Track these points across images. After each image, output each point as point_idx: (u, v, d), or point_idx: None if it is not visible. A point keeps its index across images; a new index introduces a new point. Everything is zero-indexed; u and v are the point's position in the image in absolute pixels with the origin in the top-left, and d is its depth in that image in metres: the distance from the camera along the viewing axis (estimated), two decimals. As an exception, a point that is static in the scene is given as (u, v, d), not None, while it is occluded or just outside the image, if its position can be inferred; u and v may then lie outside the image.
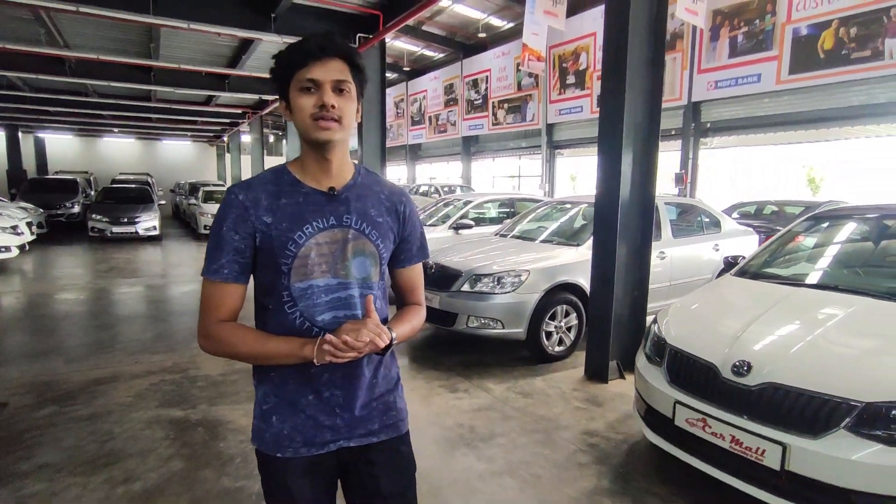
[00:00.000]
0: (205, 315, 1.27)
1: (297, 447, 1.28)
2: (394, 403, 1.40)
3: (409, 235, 1.42)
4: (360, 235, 1.29)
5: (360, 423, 1.33)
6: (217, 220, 1.26)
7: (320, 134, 1.20)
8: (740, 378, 2.48)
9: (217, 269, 1.24)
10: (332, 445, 1.31)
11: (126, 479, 2.83)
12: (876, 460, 2.09)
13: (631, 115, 4.21)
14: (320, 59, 1.19)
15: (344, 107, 1.22)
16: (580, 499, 2.75)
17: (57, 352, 4.95)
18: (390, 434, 1.38)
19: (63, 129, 26.74)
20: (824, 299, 2.95)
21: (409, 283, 1.47)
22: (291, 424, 1.28)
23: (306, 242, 1.24)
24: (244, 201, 1.23)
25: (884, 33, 10.02)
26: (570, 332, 4.99)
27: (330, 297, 1.27)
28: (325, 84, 1.19)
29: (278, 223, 1.23)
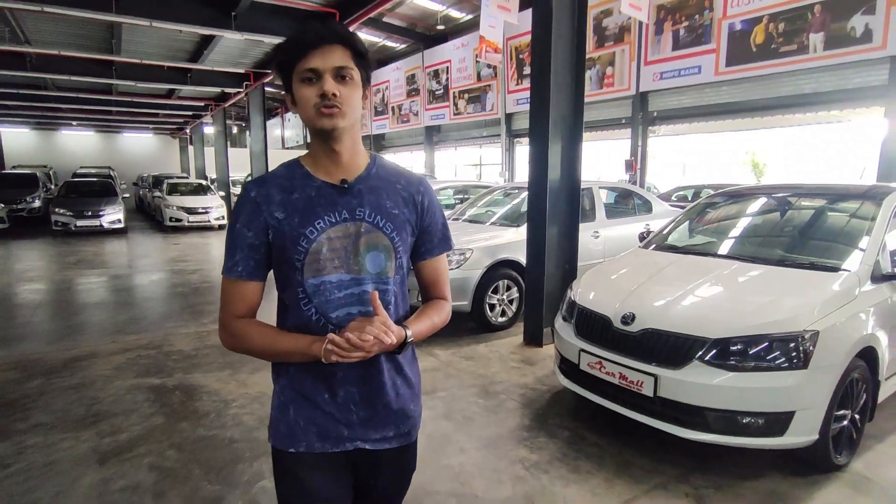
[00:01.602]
0: (223, 310, 1.28)
1: (311, 441, 1.27)
2: (412, 411, 1.38)
3: (429, 226, 1.37)
4: (373, 228, 1.26)
5: (376, 426, 1.31)
6: (232, 217, 1.27)
7: (324, 122, 1.17)
8: (626, 326, 3.07)
9: (231, 267, 1.24)
10: (349, 445, 1.29)
11: (113, 433, 3.28)
12: (720, 382, 2.70)
13: (557, 111, 4.76)
14: (319, 47, 1.16)
15: (347, 94, 1.19)
16: (504, 434, 3.31)
17: (36, 336, 5.29)
18: (402, 442, 1.37)
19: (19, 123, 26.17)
20: (703, 263, 3.57)
21: (431, 277, 1.41)
22: (307, 417, 1.27)
23: (318, 238, 1.21)
24: (256, 197, 1.23)
25: (808, 28, 10.84)
26: (511, 304, 5.57)
27: (343, 293, 1.24)
28: (325, 72, 1.16)
29: (290, 218, 1.21)
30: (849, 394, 2.86)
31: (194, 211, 14.92)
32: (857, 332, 2.81)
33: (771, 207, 4.16)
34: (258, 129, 15.43)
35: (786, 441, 2.68)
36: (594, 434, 3.28)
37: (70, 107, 19.17)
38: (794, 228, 3.85)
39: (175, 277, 8.29)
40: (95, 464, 2.92)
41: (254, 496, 2.63)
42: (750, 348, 2.71)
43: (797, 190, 4.19)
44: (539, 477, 2.82)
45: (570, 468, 2.90)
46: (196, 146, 25.98)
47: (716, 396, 2.72)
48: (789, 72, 11.32)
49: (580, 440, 3.21)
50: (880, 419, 3.41)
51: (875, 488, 2.72)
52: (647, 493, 2.68)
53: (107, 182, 16.35)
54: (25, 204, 15.88)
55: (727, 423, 2.72)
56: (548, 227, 4.88)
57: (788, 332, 2.68)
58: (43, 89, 15.63)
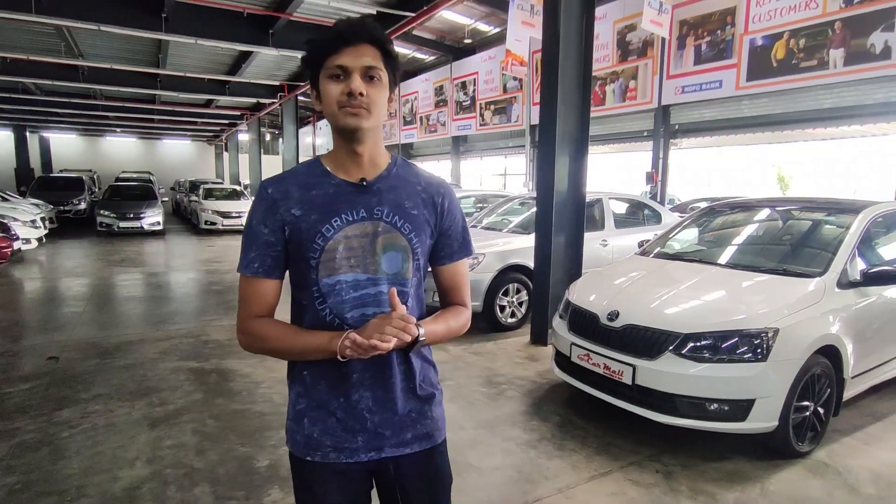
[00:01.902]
0: (240, 310, 1.26)
1: (326, 452, 1.26)
2: (429, 412, 1.34)
3: (449, 230, 1.34)
4: (391, 228, 1.23)
5: (392, 431, 1.28)
6: (249, 214, 1.26)
7: (348, 121, 1.16)
8: (611, 322, 3.44)
9: (248, 264, 1.23)
10: (364, 456, 1.27)
11: (161, 403, 3.78)
12: (689, 372, 3.05)
13: (563, 126, 5.15)
14: (350, 44, 1.14)
15: (373, 94, 1.17)
16: (501, 416, 3.70)
17: (90, 323, 5.88)
18: (424, 445, 1.33)
19: (67, 129, 27.60)
20: (687, 269, 3.91)
21: (450, 282, 1.38)
22: (321, 428, 1.26)
23: (334, 235, 1.20)
24: (273, 194, 1.22)
25: (828, 45, 10.97)
26: (521, 306, 5.95)
27: (359, 293, 1.22)
28: (354, 71, 1.14)
29: (307, 216, 1.20)
30: (810, 387, 3.17)
31: (228, 215, 15.65)
32: (816, 332, 3.13)
33: (756, 219, 4.48)
34: (291, 138, 16.14)
35: (747, 426, 3.01)
36: (582, 419, 3.65)
37: (116, 115, 20.25)
38: (773, 238, 4.18)
39: (210, 276, 8.89)
40: (147, 427, 3.41)
41: (279, 457, 3.08)
42: (716, 342, 3.06)
43: (783, 203, 4.50)
44: (527, 452, 3.21)
45: (556, 446, 3.28)
46: (231, 153, 27.01)
47: (685, 384, 3.07)
48: (809, 87, 11.44)
49: (569, 424, 3.58)
50: (853, 415, 3.71)
51: (830, 472, 3.03)
52: (621, 468, 3.04)
53: (147, 186, 17.26)
54: (72, 206, 16.85)
55: (695, 408, 3.07)
56: (554, 236, 5.25)
57: (750, 329, 3.03)
58: (92, 99, 16.61)
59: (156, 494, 2.69)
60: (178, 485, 2.78)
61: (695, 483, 2.89)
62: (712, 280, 3.67)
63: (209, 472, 2.92)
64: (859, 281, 3.46)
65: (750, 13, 12.32)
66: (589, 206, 6.90)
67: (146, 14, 8.03)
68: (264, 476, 2.88)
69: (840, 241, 3.62)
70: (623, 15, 15.43)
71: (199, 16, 8.44)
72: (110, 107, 18.04)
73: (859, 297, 3.45)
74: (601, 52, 16.22)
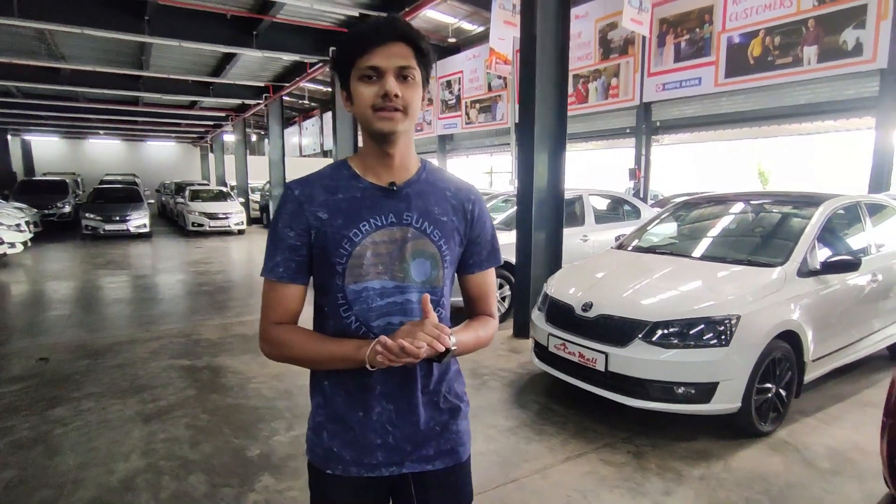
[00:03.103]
0: (263, 316, 1.22)
1: (346, 465, 1.22)
2: (454, 425, 1.30)
3: (479, 237, 1.30)
4: (420, 235, 1.19)
5: (413, 446, 1.24)
6: (274, 217, 1.22)
7: (383, 125, 1.12)
8: (585, 313, 3.61)
9: (272, 268, 1.19)
10: (385, 471, 1.23)
11: (154, 400, 3.90)
12: (657, 358, 3.22)
13: (541, 124, 5.31)
14: (382, 44, 1.10)
15: (408, 95, 1.13)
16: (483, 406, 3.86)
17: (79, 326, 5.95)
18: (447, 462, 1.28)
19: (49, 132, 27.35)
20: (658, 261, 4.10)
21: (478, 291, 1.35)
22: (341, 441, 1.23)
23: (362, 241, 1.16)
24: (299, 196, 1.18)
25: (802, 42, 11.26)
26: (504, 301, 6.11)
27: (385, 301, 1.18)
28: (387, 71, 1.10)
29: (333, 219, 1.16)
30: (771, 370, 3.37)
31: (215, 216, 15.68)
32: (776, 318, 3.32)
33: (725, 213, 4.68)
34: (276, 139, 16.18)
35: (712, 407, 3.20)
36: (560, 406, 3.82)
37: (98, 117, 20.14)
38: (741, 230, 4.38)
39: (199, 277, 8.96)
40: (141, 422, 3.53)
41: (270, 447, 3.21)
42: (682, 329, 3.24)
43: (752, 197, 4.70)
44: (508, 437, 3.37)
45: (535, 431, 3.45)
46: (216, 154, 26.94)
47: (654, 370, 3.25)
48: (785, 83, 11.72)
49: (548, 411, 3.75)
50: (815, 397, 3.91)
51: (790, 449, 3.22)
52: (595, 450, 3.21)
53: (133, 188, 17.22)
54: (56, 209, 16.70)
55: (664, 392, 3.25)
56: (534, 232, 5.42)
57: (713, 316, 3.21)
58: (74, 101, 16.52)
59: (151, 485, 2.82)
60: (173, 475, 2.91)
61: (663, 461, 3.06)
62: (682, 271, 3.86)
63: (203, 462, 3.04)
64: (819, 270, 3.66)
65: (727, 11, 12.59)
66: (570, 203, 7.11)
67: (128, 16, 8.06)
68: (257, 465, 3.02)
69: (801, 232, 3.82)
70: (604, 13, 15.66)
71: (182, 18, 8.49)
72: (93, 109, 17.95)
73: (819, 284, 3.65)
74: (584, 51, 16.45)
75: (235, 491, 2.76)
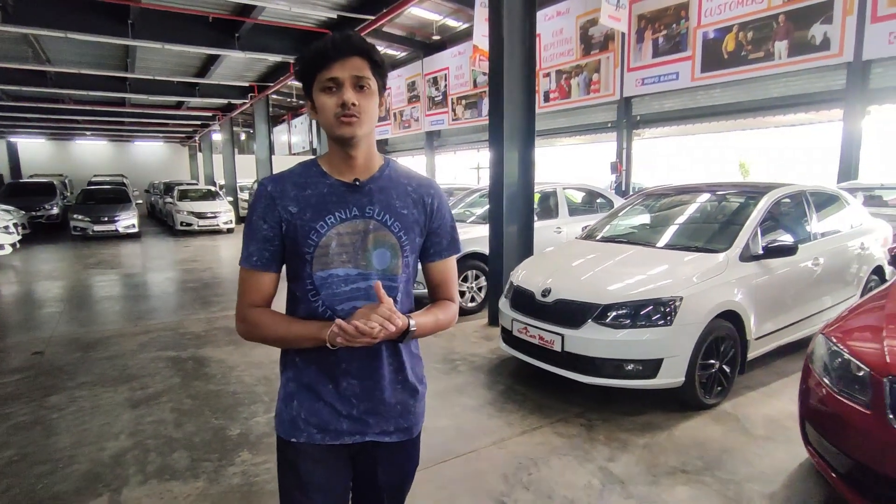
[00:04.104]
0: (239, 300, 1.34)
1: (311, 432, 1.33)
2: (413, 406, 1.43)
3: (438, 228, 1.42)
4: (381, 227, 1.31)
5: (377, 420, 1.37)
6: (249, 210, 1.34)
7: (343, 131, 1.25)
8: (545, 298, 3.88)
9: (247, 257, 1.31)
10: (348, 438, 1.35)
11: (142, 388, 4.13)
12: (606, 338, 3.50)
13: (510, 122, 5.56)
14: (339, 58, 1.22)
15: (365, 103, 1.25)
16: (451, 387, 4.12)
17: (69, 321, 6.16)
18: (402, 437, 1.42)
19: (36, 134, 27.31)
20: (614, 249, 4.37)
21: (439, 278, 1.47)
22: (309, 409, 1.33)
23: (328, 232, 1.27)
24: (272, 192, 1.29)
25: (774, 37, 11.57)
26: (480, 291, 6.38)
27: (349, 287, 1.30)
28: (345, 82, 1.23)
29: (302, 213, 1.28)
30: (715, 348, 3.65)
31: (204, 216, 15.83)
32: (717, 299, 3.59)
33: (682, 202, 4.96)
34: (263, 138, 16.35)
35: (658, 382, 3.48)
36: (523, 387, 4.09)
37: (85, 118, 20.19)
38: (693, 219, 4.66)
39: (187, 275, 9.17)
40: (130, 407, 3.77)
41: (249, 427, 3.46)
42: (630, 311, 3.52)
43: (707, 188, 4.97)
44: (470, 414, 3.64)
45: (496, 409, 3.72)
46: (205, 153, 27.01)
47: (605, 349, 3.52)
48: (758, 77, 12.03)
49: (510, 391, 4.02)
50: (761, 373, 4.21)
51: (730, 419, 3.51)
52: (550, 424, 3.48)
53: (121, 189, 17.32)
54: (44, 211, 16.71)
55: (614, 369, 3.52)
56: (506, 226, 5.68)
57: (657, 298, 3.49)
58: (61, 102, 16.61)
59: (139, 460, 3.06)
60: (159, 451, 3.16)
61: (611, 433, 3.34)
62: (635, 258, 4.13)
63: (186, 441, 3.29)
64: (760, 255, 3.94)
65: (702, 7, 12.88)
66: (545, 197, 7.40)
67: (113, 21, 8.23)
68: (236, 442, 3.27)
69: (745, 220, 4.11)
70: (585, 10, 15.91)
71: (166, 21, 8.67)
72: (80, 110, 18.02)
73: (760, 268, 3.94)
74: (565, 47, 16.73)
75: (215, 465, 3.01)
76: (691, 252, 4.03)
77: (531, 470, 2.93)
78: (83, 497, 2.70)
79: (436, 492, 2.74)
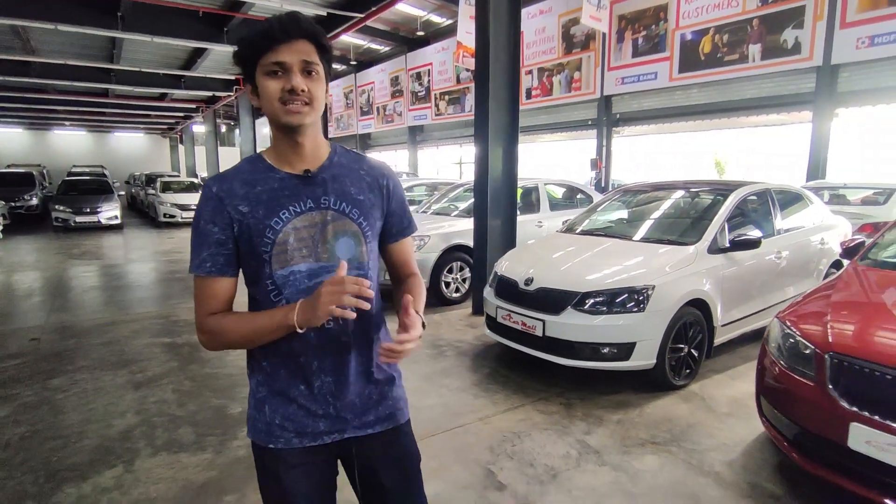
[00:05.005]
0: (197, 311, 1.26)
1: (288, 437, 1.27)
2: (389, 392, 1.38)
3: (396, 209, 1.40)
4: (339, 216, 1.26)
5: (354, 414, 1.32)
6: (196, 215, 1.25)
7: (291, 118, 1.18)
8: (527, 286, 4.13)
9: (200, 264, 1.22)
10: (326, 438, 1.30)
11: (141, 371, 4.31)
12: (584, 323, 3.77)
13: (495, 120, 5.80)
14: (286, 41, 1.15)
15: (313, 89, 1.19)
16: (438, 371, 4.36)
17: (61, 310, 6.27)
18: (386, 426, 1.37)
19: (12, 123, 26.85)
20: (592, 241, 4.65)
21: (402, 257, 1.46)
22: (283, 414, 1.28)
23: (283, 228, 1.21)
24: (218, 192, 1.21)
25: (747, 40, 11.98)
26: (464, 282, 6.63)
27: (314, 281, 1.24)
28: (292, 66, 1.16)
29: (255, 211, 1.21)
30: (683, 333, 3.94)
31: (187, 207, 15.80)
32: (686, 288, 3.88)
33: (657, 199, 5.26)
34: (248, 130, 16.38)
35: (631, 364, 3.76)
36: (506, 370, 4.35)
37: (65, 108, 19.97)
38: (667, 214, 4.96)
39: (173, 266, 9.27)
40: (132, 389, 3.95)
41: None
42: (607, 298, 3.79)
43: (677, 185, 5.27)
44: (457, 394, 3.88)
45: (481, 389, 3.97)
46: (186, 145, 26.84)
47: (582, 333, 3.79)
48: (733, 79, 12.44)
49: (495, 374, 4.28)
50: (729, 358, 4.52)
51: (697, 399, 3.80)
52: (532, 402, 3.74)
53: (103, 180, 17.19)
54: (23, 202, 16.51)
55: (592, 352, 3.79)
56: (490, 219, 5.92)
57: (632, 286, 3.77)
58: (44, 93, 16.43)
59: (146, 435, 3.25)
60: (165, 428, 3.35)
61: (588, 410, 3.61)
62: (612, 250, 4.41)
63: (189, 418, 3.49)
64: (727, 247, 4.24)
65: (680, 10, 13.24)
66: (527, 192, 7.66)
67: (103, 13, 8.28)
68: (237, 419, 3.47)
69: (713, 215, 4.41)
70: (567, 9, 16.20)
71: (155, 14, 8.73)
72: (61, 101, 17.85)
73: (727, 260, 4.24)
74: (548, 45, 17.01)
75: (219, 438, 3.22)
76: (664, 245, 4.31)
77: (514, 442, 3.18)
78: (98, 468, 2.89)
79: (427, 461, 2.94)
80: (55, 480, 2.78)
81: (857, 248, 3.73)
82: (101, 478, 2.80)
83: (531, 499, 2.64)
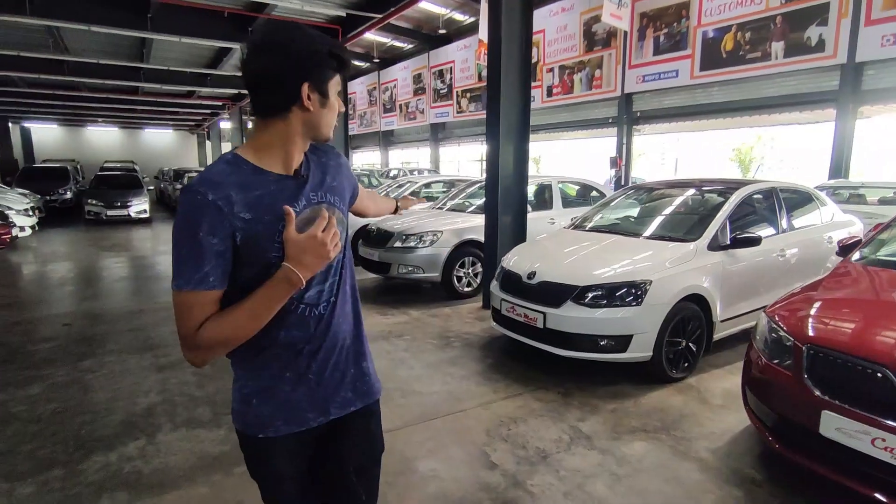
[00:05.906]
0: (183, 328, 1.18)
1: (277, 427, 1.31)
2: (364, 368, 1.46)
3: (354, 181, 1.54)
4: (329, 208, 1.31)
5: (338, 392, 1.38)
6: (188, 225, 1.15)
7: (331, 134, 1.34)
8: (530, 280, 4.29)
9: (202, 279, 1.15)
10: (313, 422, 1.35)
11: (165, 356, 4.58)
12: (583, 315, 3.91)
13: (507, 120, 5.94)
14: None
15: None
16: (444, 360, 4.54)
17: (92, 298, 6.62)
18: (365, 401, 1.45)
19: (49, 119, 27.80)
20: (596, 237, 4.77)
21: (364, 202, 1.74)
22: (271, 406, 1.31)
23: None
24: (216, 201, 1.14)
25: (770, 38, 11.87)
26: (476, 277, 6.79)
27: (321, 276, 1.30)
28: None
29: (260, 217, 1.18)
30: (681, 327, 4.05)
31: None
32: (683, 284, 3.99)
33: (663, 196, 5.35)
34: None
35: (627, 356, 3.89)
36: (509, 360, 4.51)
37: (98, 105, 20.63)
38: (671, 211, 5.05)
39: (199, 258, 9.60)
40: (156, 371, 4.22)
41: (264, 388, 3.89)
42: (605, 292, 3.92)
43: (686, 184, 5.36)
44: (460, 382, 4.06)
45: (484, 378, 4.14)
46: (213, 141, 27.47)
47: (581, 325, 3.93)
48: (755, 77, 12.34)
49: (498, 363, 4.45)
50: (728, 354, 4.60)
51: (692, 391, 3.91)
52: (531, 391, 3.90)
53: (133, 175, 17.77)
54: (58, 195, 17.16)
55: (590, 343, 3.93)
56: (501, 215, 6.07)
57: (630, 281, 3.89)
58: (76, 90, 17.03)
59: (168, 412, 3.50)
60: (185, 406, 3.60)
61: (585, 399, 3.76)
62: (616, 246, 4.53)
63: (208, 399, 3.73)
64: (728, 245, 4.33)
65: (702, 7, 13.17)
66: (540, 190, 7.79)
67: (133, 14, 8.64)
68: (252, 400, 3.70)
69: (716, 213, 4.50)
70: (589, 7, 16.20)
71: (183, 15, 9.06)
72: (93, 98, 18.47)
73: (728, 257, 4.33)
74: (569, 43, 17.03)
75: (235, 417, 3.44)
76: (667, 241, 4.42)
77: (510, 426, 3.35)
78: (123, 440, 3.15)
79: (427, 441, 3.17)
80: (84, 450, 3.04)
81: (853, 246, 3.79)
82: (126, 448, 3.06)
83: (520, 478, 2.80)
